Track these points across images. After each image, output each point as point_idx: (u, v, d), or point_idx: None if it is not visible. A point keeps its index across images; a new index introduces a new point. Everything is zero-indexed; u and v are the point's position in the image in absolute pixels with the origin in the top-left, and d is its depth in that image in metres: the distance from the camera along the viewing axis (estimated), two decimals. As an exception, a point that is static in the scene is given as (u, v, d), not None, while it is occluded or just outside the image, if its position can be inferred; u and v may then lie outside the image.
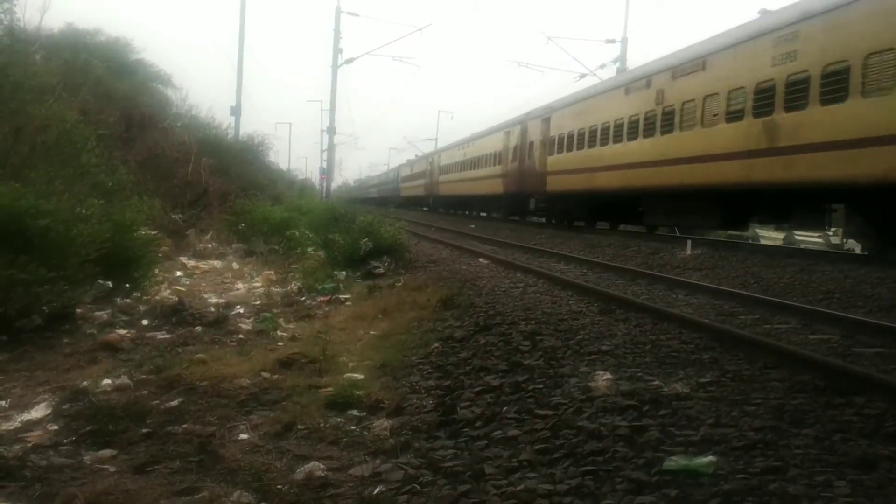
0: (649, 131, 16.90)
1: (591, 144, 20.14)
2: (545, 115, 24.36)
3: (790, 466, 3.08)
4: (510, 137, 28.24)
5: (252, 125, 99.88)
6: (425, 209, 47.32)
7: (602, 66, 29.91)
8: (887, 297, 7.71)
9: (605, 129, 19.29)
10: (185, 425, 4.42)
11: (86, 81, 15.90)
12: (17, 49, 12.62)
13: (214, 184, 19.27)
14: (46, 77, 12.23)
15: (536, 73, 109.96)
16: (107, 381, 5.43)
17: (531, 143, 25.56)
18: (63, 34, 19.93)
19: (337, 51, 32.98)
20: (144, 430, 4.31)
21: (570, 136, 21.78)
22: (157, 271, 10.38)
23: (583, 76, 30.23)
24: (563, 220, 23.77)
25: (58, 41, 18.62)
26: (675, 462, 3.15)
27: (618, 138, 18.55)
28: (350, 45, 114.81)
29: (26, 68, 11.54)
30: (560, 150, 22.67)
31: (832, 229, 18.59)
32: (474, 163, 34.07)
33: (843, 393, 4.06)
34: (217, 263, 13.67)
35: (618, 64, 28.71)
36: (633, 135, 17.74)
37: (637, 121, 17.48)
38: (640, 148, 17.27)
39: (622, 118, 18.31)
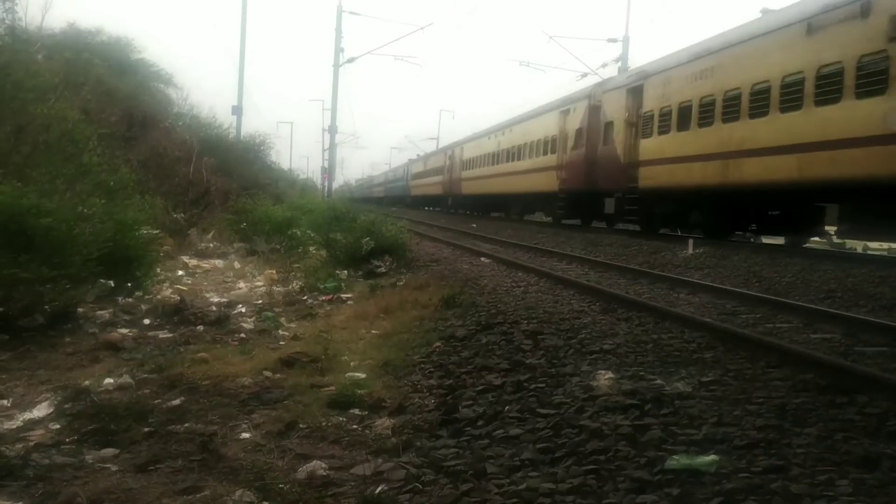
0: (870, 87, 10.71)
1: (729, 117, 13.98)
2: (633, 84, 18.21)
3: (792, 465, 3.08)
4: (569, 118, 22.00)
5: (253, 124, 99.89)
6: (435, 209, 44.62)
7: (604, 65, 29.83)
8: (889, 295, 7.71)
9: (760, 94, 13.07)
10: (186, 424, 4.42)
11: (87, 81, 15.94)
12: (18, 48, 12.63)
13: (216, 183, 19.31)
14: (48, 76, 12.22)
15: (538, 72, 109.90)
16: (109, 380, 5.44)
17: (608, 124, 19.53)
18: (65, 34, 20.00)
19: (338, 50, 32.99)
20: (146, 429, 4.31)
21: (684, 109, 15.57)
22: (158, 270, 10.40)
23: (584, 75, 30.17)
24: (660, 228, 17.77)
25: (59, 41, 18.67)
26: (678, 461, 3.15)
27: (789, 104, 12.34)
28: (351, 45, 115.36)
29: (28, 67, 11.54)
30: (663, 130, 16.47)
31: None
32: (513, 153, 27.51)
33: (845, 392, 4.06)
34: (219, 262, 13.69)
35: (619, 63, 28.67)
36: (826, 97, 11.54)
37: (835, 73, 11.36)
38: (847, 116, 11.10)
39: (799, 72, 12.12)
